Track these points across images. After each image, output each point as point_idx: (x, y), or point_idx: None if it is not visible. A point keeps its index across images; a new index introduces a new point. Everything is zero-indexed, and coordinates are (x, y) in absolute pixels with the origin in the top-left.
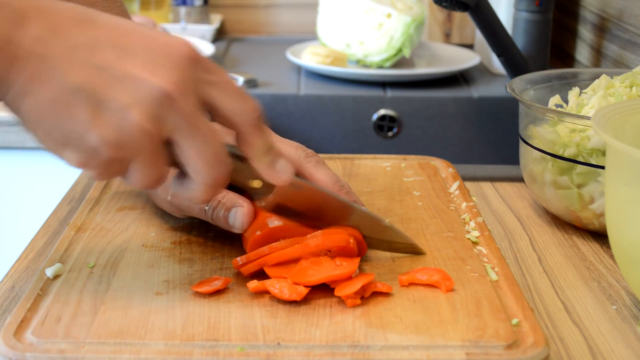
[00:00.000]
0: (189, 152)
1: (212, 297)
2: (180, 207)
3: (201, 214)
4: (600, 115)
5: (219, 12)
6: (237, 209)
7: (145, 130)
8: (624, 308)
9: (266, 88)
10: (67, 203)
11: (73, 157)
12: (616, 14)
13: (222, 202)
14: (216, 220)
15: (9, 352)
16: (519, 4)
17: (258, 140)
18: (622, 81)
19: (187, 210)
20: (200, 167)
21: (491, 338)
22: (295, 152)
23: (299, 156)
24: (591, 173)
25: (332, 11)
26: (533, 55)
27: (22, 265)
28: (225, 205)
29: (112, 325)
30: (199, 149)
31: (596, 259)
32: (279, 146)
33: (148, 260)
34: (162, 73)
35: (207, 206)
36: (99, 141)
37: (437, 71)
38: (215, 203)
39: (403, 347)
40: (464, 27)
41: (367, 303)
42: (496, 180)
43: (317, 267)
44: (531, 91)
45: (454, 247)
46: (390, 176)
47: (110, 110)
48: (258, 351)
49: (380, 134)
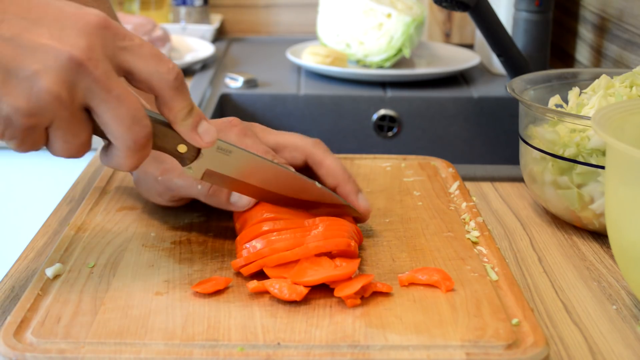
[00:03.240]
0: (105, 116)
1: (212, 297)
2: (170, 187)
3: (199, 194)
4: (600, 115)
5: (219, 12)
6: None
7: (56, 96)
8: (624, 308)
9: (266, 88)
10: (67, 203)
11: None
12: (616, 14)
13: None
14: (214, 197)
15: (9, 352)
16: (519, 4)
17: (178, 102)
18: (622, 81)
19: (178, 189)
20: (118, 129)
21: (491, 338)
22: (302, 140)
23: (307, 143)
24: (591, 173)
25: (332, 11)
26: (533, 55)
27: (22, 265)
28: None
29: (112, 325)
30: (114, 111)
31: (596, 259)
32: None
33: (148, 260)
34: (70, 40)
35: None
36: (10, 110)
37: (437, 71)
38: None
39: (403, 347)
40: (464, 27)
41: (367, 303)
42: (496, 180)
43: (317, 267)
44: (531, 91)
45: (454, 247)
46: (390, 176)
47: (20, 78)
48: (258, 351)
49: (380, 134)
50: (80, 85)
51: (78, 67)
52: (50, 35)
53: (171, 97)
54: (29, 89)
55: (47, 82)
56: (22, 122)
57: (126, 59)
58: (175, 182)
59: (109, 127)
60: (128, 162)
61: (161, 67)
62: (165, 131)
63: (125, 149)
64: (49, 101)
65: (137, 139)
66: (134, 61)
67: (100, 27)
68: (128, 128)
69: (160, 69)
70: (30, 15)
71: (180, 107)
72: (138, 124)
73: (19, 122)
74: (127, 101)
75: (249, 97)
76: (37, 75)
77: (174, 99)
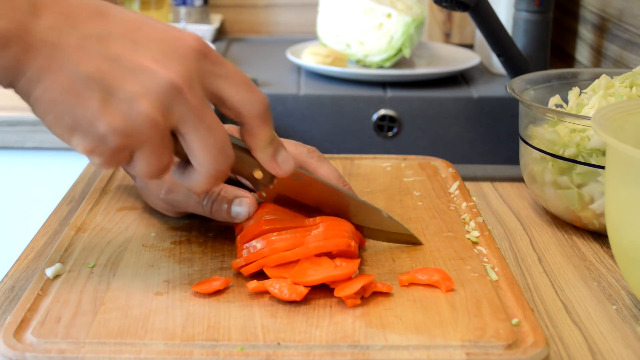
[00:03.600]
0: (194, 143)
1: (212, 297)
2: (173, 204)
3: (197, 209)
4: (600, 115)
5: (219, 12)
6: (242, 199)
7: (152, 119)
8: (624, 308)
9: (266, 88)
10: (67, 203)
11: (81, 143)
12: (616, 14)
13: (223, 195)
14: (216, 212)
15: (9, 352)
16: (519, 4)
17: (263, 131)
18: (622, 81)
19: (181, 206)
20: (204, 158)
21: (491, 338)
22: (296, 148)
23: (301, 152)
24: (591, 173)
25: (332, 11)
26: (533, 55)
27: (22, 265)
28: (227, 198)
29: (112, 325)
30: (203, 140)
31: (596, 259)
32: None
33: (148, 260)
34: (171, 65)
35: (205, 200)
36: (107, 129)
37: (437, 71)
38: (215, 196)
39: (403, 347)
40: (464, 27)
41: (367, 303)
42: (496, 180)
43: (317, 267)
44: (531, 91)
45: (454, 247)
46: (390, 176)
47: (120, 99)
48: (258, 351)
49: (380, 134)
50: (175, 111)
51: (177, 93)
52: (153, 58)
53: (257, 126)
54: (128, 110)
55: (145, 106)
56: (116, 141)
57: (220, 86)
58: (179, 201)
59: (195, 154)
60: (205, 186)
61: (252, 96)
62: (244, 157)
63: (206, 176)
64: (145, 124)
65: (221, 168)
66: (228, 89)
67: (200, 53)
68: (214, 157)
69: (252, 98)
70: (135, 37)
71: (264, 136)
72: (224, 154)
73: (112, 141)
74: (216, 131)
75: None
76: (137, 98)
77: (259, 128)
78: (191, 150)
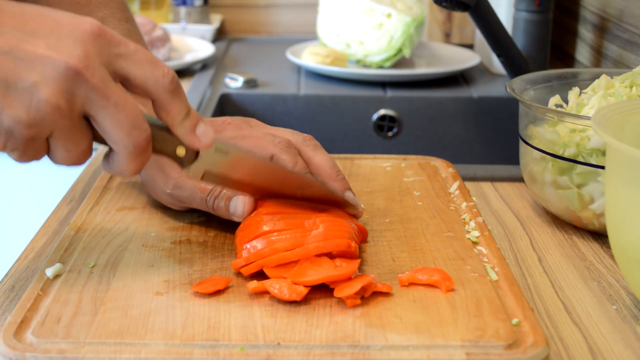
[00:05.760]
0: (104, 122)
1: (212, 297)
2: (180, 199)
3: (202, 205)
4: (600, 115)
5: (219, 12)
6: (238, 198)
7: (55, 105)
8: (624, 308)
9: (266, 88)
10: (67, 203)
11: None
12: (616, 14)
13: (223, 192)
14: (217, 209)
15: (9, 352)
16: (519, 4)
17: (175, 106)
18: (622, 81)
19: (186, 201)
20: (118, 135)
21: (491, 338)
22: (293, 136)
23: (297, 140)
24: (591, 173)
25: (332, 11)
26: (533, 55)
27: (22, 265)
28: (226, 195)
29: (112, 325)
30: (114, 117)
31: (596, 259)
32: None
33: (148, 260)
34: (66, 50)
35: (209, 196)
36: (11, 122)
37: (437, 71)
38: (216, 193)
39: (403, 347)
40: (464, 27)
41: (367, 303)
42: (496, 180)
43: (317, 268)
44: (531, 91)
45: (454, 247)
46: (390, 176)
47: (19, 90)
48: (258, 351)
49: (380, 134)
50: (79, 94)
51: (75, 76)
52: (47, 45)
53: (168, 101)
54: (29, 100)
55: (46, 93)
56: (24, 133)
57: (122, 65)
58: (185, 196)
59: (109, 134)
60: (130, 167)
61: (156, 71)
62: (163, 135)
63: (126, 154)
64: (49, 111)
65: (137, 143)
66: (130, 67)
67: (95, 35)
68: (128, 133)
69: (156, 73)
70: (27, 27)
71: (177, 110)
72: (137, 128)
73: (20, 133)
74: (125, 107)
75: (249, 97)
76: (36, 87)
77: (170, 103)
78: (105, 131)
